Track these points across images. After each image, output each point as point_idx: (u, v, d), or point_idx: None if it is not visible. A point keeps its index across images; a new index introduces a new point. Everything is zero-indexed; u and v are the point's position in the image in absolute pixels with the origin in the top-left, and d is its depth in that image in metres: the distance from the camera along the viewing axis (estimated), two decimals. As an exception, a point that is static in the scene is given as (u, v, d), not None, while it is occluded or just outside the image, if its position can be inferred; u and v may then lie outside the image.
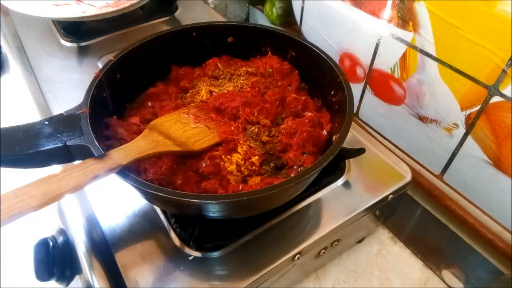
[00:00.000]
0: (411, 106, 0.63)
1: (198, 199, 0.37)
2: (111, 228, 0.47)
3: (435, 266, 0.60)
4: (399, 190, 0.53)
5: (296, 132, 0.50)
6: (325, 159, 0.39)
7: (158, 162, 0.44)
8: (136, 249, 0.45)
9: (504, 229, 0.57)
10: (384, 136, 0.72)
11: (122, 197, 0.50)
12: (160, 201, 0.44)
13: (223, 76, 0.58)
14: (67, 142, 0.40)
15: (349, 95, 0.47)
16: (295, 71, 0.59)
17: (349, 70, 0.72)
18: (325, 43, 0.75)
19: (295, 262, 0.46)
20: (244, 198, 0.36)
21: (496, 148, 0.53)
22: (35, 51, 0.75)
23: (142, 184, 0.37)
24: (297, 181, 0.38)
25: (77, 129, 0.41)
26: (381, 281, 0.58)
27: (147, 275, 0.42)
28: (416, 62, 0.59)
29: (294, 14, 0.82)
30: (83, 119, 0.42)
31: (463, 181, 0.60)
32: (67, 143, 0.40)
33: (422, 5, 0.54)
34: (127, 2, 0.74)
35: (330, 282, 0.58)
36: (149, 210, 0.48)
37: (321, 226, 0.48)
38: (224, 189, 0.44)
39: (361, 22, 0.65)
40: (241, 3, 0.98)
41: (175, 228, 0.46)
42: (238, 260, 0.44)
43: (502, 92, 0.49)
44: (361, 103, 0.74)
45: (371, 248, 0.62)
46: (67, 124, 0.42)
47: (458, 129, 0.57)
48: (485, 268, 0.60)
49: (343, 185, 0.52)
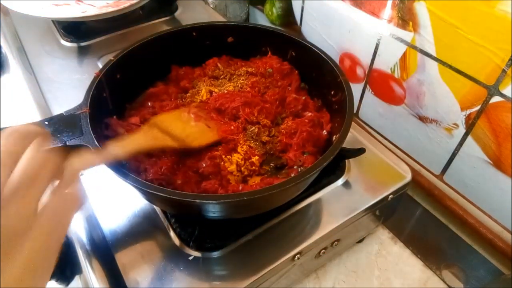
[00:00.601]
0: (411, 106, 0.63)
1: (198, 199, 0.37)
2: (111, 228, 0.47)
3: (435, 266, 0.60)
4: (399, 190, 0.53)
5: (296, 132, 0.50)
6: (325, 159, 0.39)
7: (158, 162, 0.44)
8: (136, 249, 0.45)
9: (504, 229, 0.57)
10: (384, 136, 0.72)
11: (122, 197, 0.50)
12: (160, 201, 0.44)
13: (223, 76, 0.58)
14: (67, 142, 0.40)
15: (349, 95, 0.47)
16: (295, 71, 0.59)
17: (349, 70, 0.72)
18: (325, 43, 0.75)
19: (295, 262, 0.46)
20: (245, 198, 0.36)
21: (496, 148, 0.53)
22: (35, 51, 0.75)
23: (142, 184, 0.37)
24: (297, 181, 0.38)
25: (77, 129, 0.41)
26: (381, 281, 0.58)
27: (147, 275, 0.42)
28: (416, 62, 0.59)
29: (294, 14, 0.82)
30: (83, 119, 0.42)
31: (463, 181, 0.60)
32: (67, 143, 0.40)
33: (422, 5, 0.54)
34: (127, 2, 0.74)
35: (330, 282, 0.58)
36: (149, 210, 0.48)
37: (321, 226, 0.48)
38: (224, 189, 0.44)
39: (361, 22, 0.65)
40: (241, 3, 0.98)
41: (175, 228, 0.46)
42: (238, 260, 0.44)
43: (502, 92, 0.49)
44: (361, 103, 0.74)
45: (371, 248, 0.62)
46: (67, 124, 0.42)
47: (458, 129, 0.57)
48: (485, 268, 0.60)
49: (343, 185, 0.52)
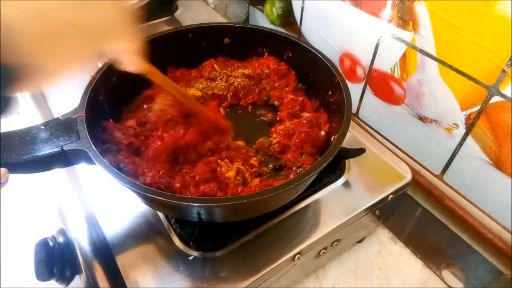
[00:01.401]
0: (411, 106, 0.63)
1: (196, 202, 0.37)
2: (111, 228, 0.47)
3: (435, 266, 0.60)
4: (399, 190, 0.53)
5: (294, 133, 0.50)
6: (324, 160, 0.40)
7: (156, 166, 0.44)
8: (136, 249, 0.45)
9: (504, 229, 0.57)
10: (384, 136, 0.72)
11: (122, 197, 0.50)
12: (159, 205, 0.44)
13: (219, 78, 0.58)
14: (64, 147, 0.40)
15: (346, 95, 0.47)
16: (292, 72, 0.59)
17: (349, 70, 0.72)
18: (325, 43, 0.75)
19: (295, 262, 0.46)
20: (244, 201, 0.36)
21: (496, 148, 0.53)
22: (35, 51, 0.74)
23: (140, 187, 0.37)
24: (296, 183, 0.38)
25: (73, 133, 0.41)
26: (381, 281, 0.58)
27: (147, 275, 0.42)
28: (416, 62, 0.58)
29: (294, 14, 0.82)
30: (80, 123, 0.42)
31: (463, 181, 0.60)
32: (64, 147, 0.40)
33: (422, 5, 0.54)
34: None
35: (330, 282, 0.58)
36: (149, 210, 0.48)
37: (321, 226, 0.48)
38: (223, 192, 0.44)
39: (361, 22, 0.65)
40: (241, 3, 0.97)
41: (175, 228, 0.46)
42: (238, 260, 0.44)
43: (502, 92, 0.49)
44: (361, 103, 0.74)
45: (371, 248, 0.62)
46: (63, 129, 0.41)
47: (458, 129, 0.57)
48: (485, 268, 0.60)
49: (343, 185, 0.52)
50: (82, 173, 0.53)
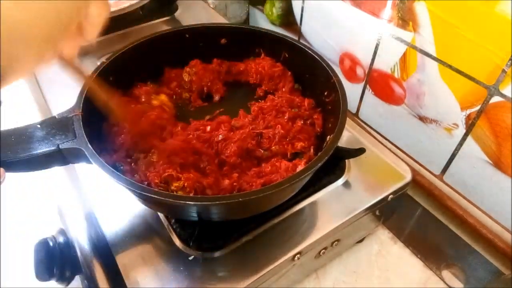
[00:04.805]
0: (411, 106, 0.63)
1: (192, 201, 0.37)
2: (111, 228, 0.47)
3: (435, 266, 0.60)
4: (399, 190, 0.53)
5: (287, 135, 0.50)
6: (319, 159, 0.40)
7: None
8: (136, 249, 0.45)
9: (504, 229, 0.57)
10: (384, 136, 0.72)
11: (122, 197, 0.50)
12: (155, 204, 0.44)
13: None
14: (60, 145, 0.40)
15: (342, 96, 0.47)
16: (288, 72, 0.60)
17: (349, 70, 0.72)
18: (325, 43, 0.75)
19: (295, 262, 0.46)
20: (240, 200, 0.36)
21: (496, 148, 0.53)
22: (35, 51, 0.75)
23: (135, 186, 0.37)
24: (291, 182, 0.38)
25: (70, 132, 0.41)
26: (381, 281, 0.58)
27: (147, 275, 0.42)
28: (416, 62, 0.59)
29: (294, 14, 0.82)
30: (76, 121, 0.42)
31: (463, 181, 0.60)
32: (60, 146, 0.40)
33: (422, 5, 0.54)
34: (127, 2, 0.75)
35: (330, 282, 0.58)
36: (149, 210, 0.48)
37: (321, 226, 0.48)
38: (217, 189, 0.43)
39: (361, 22, 0.65)
40: (241, 3, 0.98)
41: (175, 228, 0.46)
42: (238, 260, 0.44)
43: (502, 92, 0.49)
44: (361, 103, 0.74)
45: (371, 248, 0.62)
46: (59, 127, 0.41)
47: (458, 129, 0.57)
48: (485, 268, 0.59)
49: (343, 185, 0.52)
50: (82, 173, 0.53)
